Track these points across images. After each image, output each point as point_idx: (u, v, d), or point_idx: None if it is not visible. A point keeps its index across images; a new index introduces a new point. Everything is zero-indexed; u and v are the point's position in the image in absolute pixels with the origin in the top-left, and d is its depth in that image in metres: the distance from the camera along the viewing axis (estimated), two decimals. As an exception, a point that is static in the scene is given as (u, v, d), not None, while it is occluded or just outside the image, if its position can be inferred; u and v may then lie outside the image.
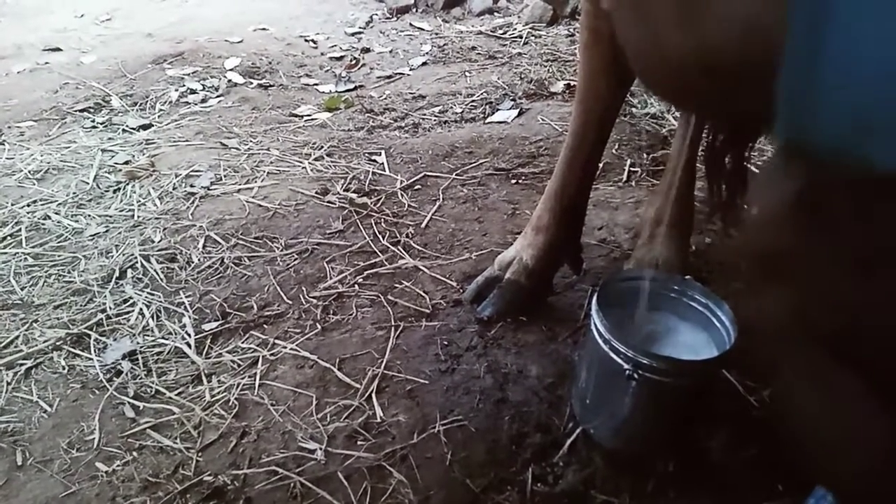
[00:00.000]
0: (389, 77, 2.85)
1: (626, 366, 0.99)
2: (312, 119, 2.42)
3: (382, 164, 2.08)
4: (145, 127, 2.36)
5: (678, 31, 0.46)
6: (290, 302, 1.50)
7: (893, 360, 0.42)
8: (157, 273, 1.60)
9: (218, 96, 2.62)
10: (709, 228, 1.69)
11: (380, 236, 1.72)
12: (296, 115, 2.46)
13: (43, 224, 1.80)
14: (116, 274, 1.59)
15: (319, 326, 1.43)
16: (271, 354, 1.36)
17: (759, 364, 1.25)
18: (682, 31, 0.45)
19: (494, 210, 1.84)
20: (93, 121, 2.39)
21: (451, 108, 2.49)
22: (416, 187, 1.96)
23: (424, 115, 2.44)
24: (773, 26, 0.35)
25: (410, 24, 3.55)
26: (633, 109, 2.36)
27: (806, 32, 0.34)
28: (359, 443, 1.17)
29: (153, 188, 1.96)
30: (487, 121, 2.37)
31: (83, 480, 1.12)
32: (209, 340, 1.41)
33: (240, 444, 1.18)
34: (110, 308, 1.49)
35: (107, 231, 1.77)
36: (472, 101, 2.53)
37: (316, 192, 1.92)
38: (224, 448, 1.17)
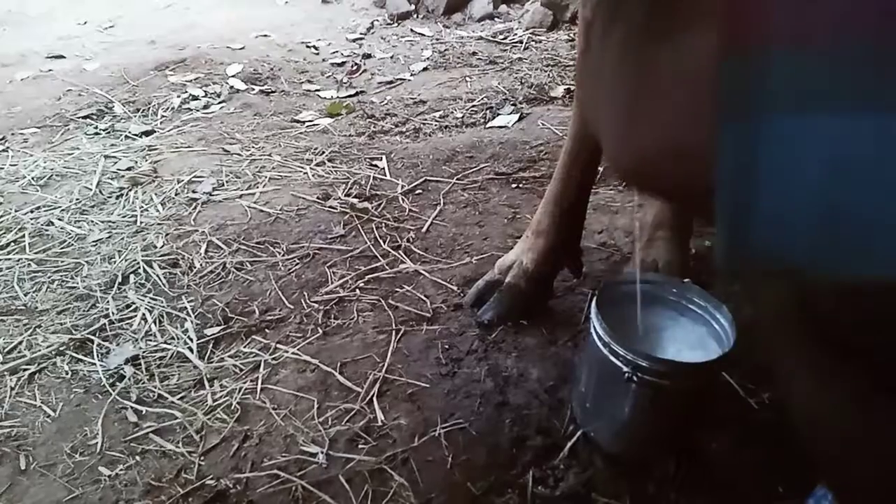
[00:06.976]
0: (390, 82, 2.86)
1: (625, 368, 0.99)
2: (314, 125, 2.43)
3: (383, 169, 2.09)
4: (148, 133, 2.37)
5: (621, 142, 0.47)
6: (292, 306, 1.51)
7: None
8: (159, 278, 1.61)
9: (220, 102, 2.63)
10: (708, 231, 1.69)
11: (381, 241, 1.73)
12: (297, 121, 2.47)
13: (46, 230, 1.81)
14: (119, 279, 1.60)
15: (321, 331, 1.44)
16: (273, 359, 1.37)
17: (759, 365, 1.25)
18: (625, 145, 0.46)
19: (495, 214, 1.85)
20: (96, 127, 2.41)
21: (452, 113, 2.50)
22: (416, 192, 1.97)
23: (425, 120, 2.45)
24: (704, 157, 0.36)
25: (411, 30, 3.57)
26: (633, 113, 2.36)
27: (733, 166, 0.34)
28: (360, 446, 1.18)
29: (155, 194, 1.97)
30: (488, 125, 2.38)
31: (86, 484, 1.13)
32: (211, 345, 1.42)
33: (242, 448, 1.18)
34: (113, 313, 1.50)
35: (109, 237, 1.78)
36: (473, 105, 2.55)
37: (317, 198, 1.92)
38: (226, 452, 1.18)
